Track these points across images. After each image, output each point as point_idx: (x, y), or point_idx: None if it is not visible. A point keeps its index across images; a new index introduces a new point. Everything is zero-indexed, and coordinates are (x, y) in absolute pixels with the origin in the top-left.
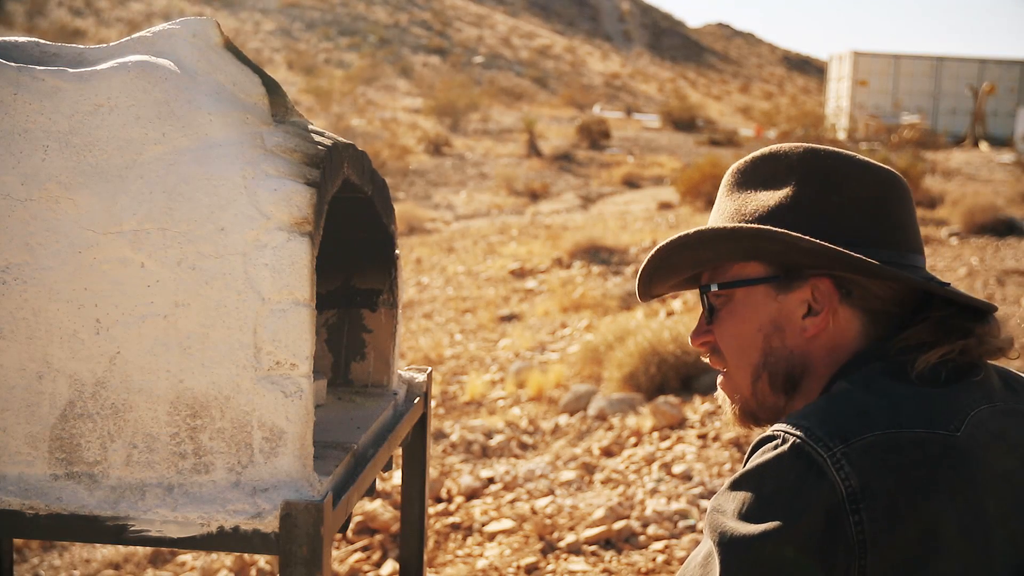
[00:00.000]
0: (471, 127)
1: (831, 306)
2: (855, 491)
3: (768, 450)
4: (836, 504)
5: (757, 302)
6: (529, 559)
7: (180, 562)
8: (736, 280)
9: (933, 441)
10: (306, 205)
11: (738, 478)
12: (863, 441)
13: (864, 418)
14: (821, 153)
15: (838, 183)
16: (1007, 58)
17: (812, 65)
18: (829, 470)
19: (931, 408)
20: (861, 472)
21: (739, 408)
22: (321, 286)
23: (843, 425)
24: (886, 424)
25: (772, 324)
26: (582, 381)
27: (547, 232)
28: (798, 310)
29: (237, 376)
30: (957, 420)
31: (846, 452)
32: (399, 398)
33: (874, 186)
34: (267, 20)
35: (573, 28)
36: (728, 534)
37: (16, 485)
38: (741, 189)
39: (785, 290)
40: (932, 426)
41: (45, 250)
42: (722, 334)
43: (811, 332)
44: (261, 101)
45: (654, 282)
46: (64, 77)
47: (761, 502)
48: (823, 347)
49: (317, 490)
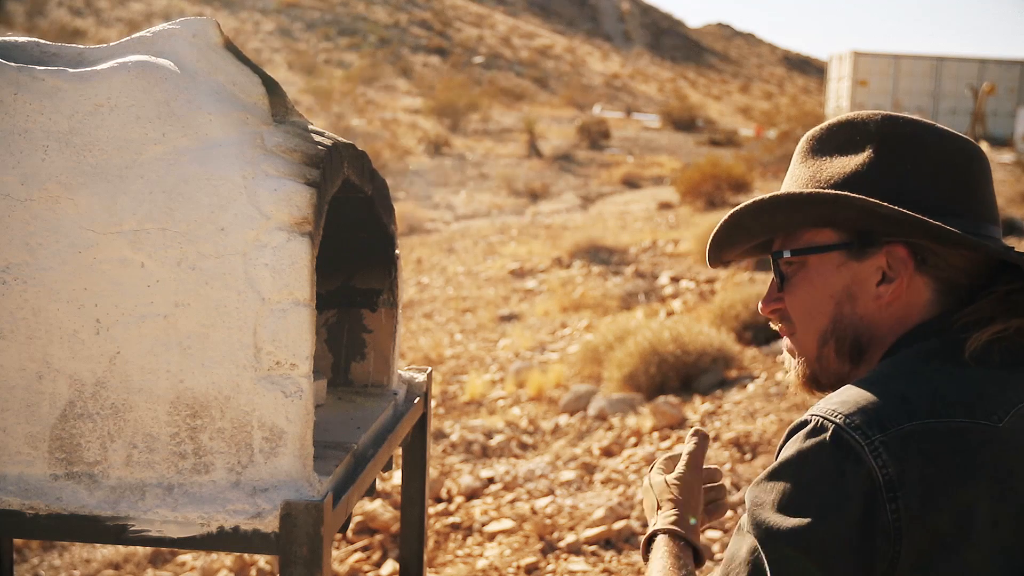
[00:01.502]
0: (471, 127)
1: (906, 273)
2: (892, 479)
3: (805, 436)
4: (874, 491)
5: (830, 268)
6: (529, 559)
7: (180, 562)
8: (810, 247)
9: (973, 431)
10: (306, 205)
11: (776, 468)
12: (902, 430)
13: (904, 405)
14: (899, 120)
15: (916, 150)
16: (1007, 58)
17: (812, 65)
18: (867, 458)
19: (976, 396)
20: (899, 460)
21: (803, 372)
22: (321, 286)
23: (882, 413)
24: (926, 413)
25: (845, 291)
26: (582, 381)
27: (547, 232)
28: (872, 277)
29: (237, 376)
30: (1001, 411)
31: (884, 441)
32: (399, 398)
33: (952, 154)
34: (267, 20)
35: (573, 28)
36: (770, 528)
37: (16, 485)
38: (816, 155)
39: (859, 257)
40: (974, 416)
41: (45, 250)
42: (793, 301)
43: (886, 299)
44: (261, 101)
45: (724, 247)
46: (64, 77)
47: (801, 491)
48: (893, 315)
49: (317, 490)
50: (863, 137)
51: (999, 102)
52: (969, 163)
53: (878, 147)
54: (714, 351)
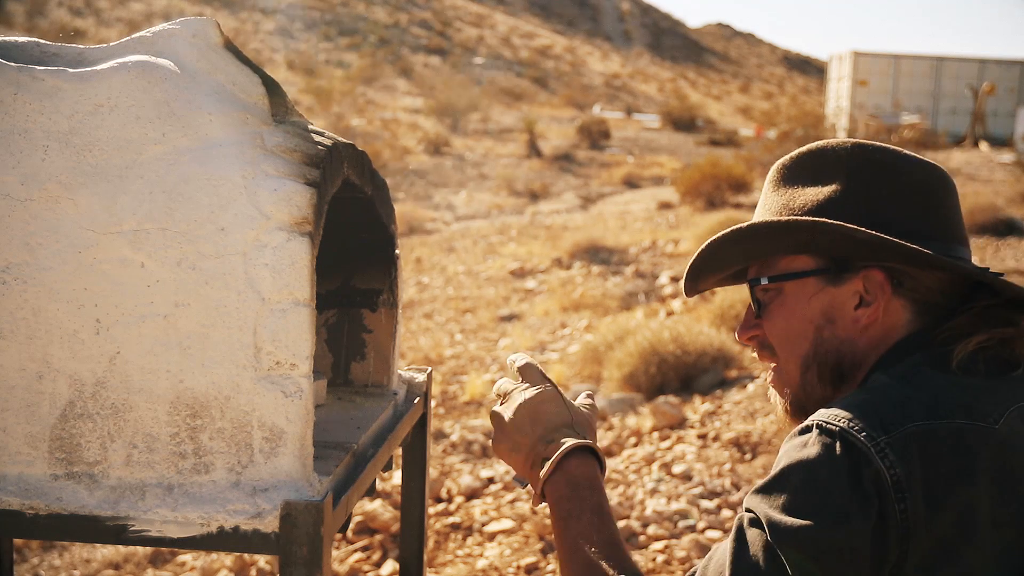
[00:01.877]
0: (471, 127)
1: (883, 297)
2: (900, 480)
3: (812, 441)
4: (885, 491)
5: (808, 294)
6: (529, 559)
7: (180, 562)
8: (787, 274)
9: (972, 431)
10: (306, 205)
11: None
12: (904, 431)
13: (903, 409)
14: (869, 148)
15: (887, 177)
16: (1007, 58)
17: (812, 65)
18: (875, 458)
19: (970, 399)
20: (904, 461)
21: (789, 403)
22: (321, 286)
23: (884, 416)
24: (925, 415)
25: (823, 316)
26: (582, 381)
27: (547, 232)
28: (850, 301)
29: (237, 376)
30: (996, 413)
31: (889, 442)
32: (399, 398)
33: (922, 179)
34: (267, 20)
35: (573, 28)
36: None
37: (16, 485)
38: (787, 184)
39: (836, 282)
40: (971, 417)
41: (45, 250)
42: (772, 327)
43: (864, 322)
44: (261, 101)
45: (701, 276)
46: (64, 77)
47: (818, 494)
48: (873, 338)
49: (317, 490)
50: (834, 165)
51: (999, 102)
52: (938, 188)
53: (849, 175)
54: (714, 351)
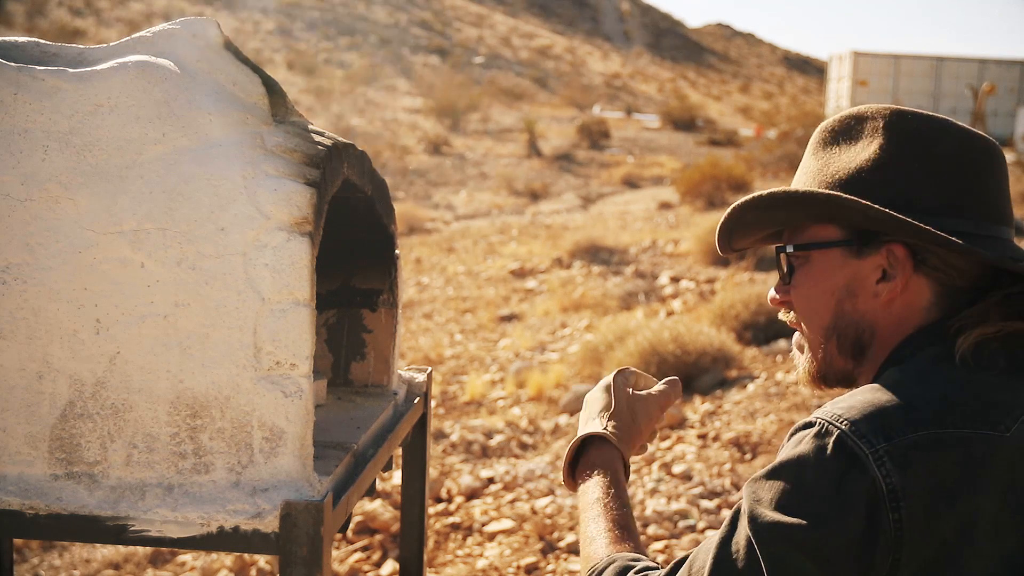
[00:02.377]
0: (471, 127)
1: (904, 273)
2: (895, 489)
3: (808, 438)
4: (877, 499)
5: (832, 265)
6: (529, 559)
7: (180, 562)
8: (811, 242)
9: (979, 441)
10: (306, 205)
11: (776, 467)
12: (906, 440)
13: (910, 414)
14: (908, 116)
15: (921, 147)
16: (1007, 58)
17: (812, 65)
18: (871, 466)
19: (984, 404)
20: (902, 470)
21: (811, 368)
22: (321, 286)
23: (888, 421)
24: (931, 422)
25: (845, 288)
26: (582, 381)
27: (547, 232)
28: (872, 275)
29: (237, 376)
30: (1009, 419)
31: (888, 450)
32: (399, 398)
33: (959, 152)
34: (267, 20)
35: (573, 28)
36: (768, 525)
37: (16, 485)
38: (827, 148)
39: (859, 254)
40: (979, 426)
41: (45, 250)
42: (797, 295)
43: (884, 298)
44: (261, 101)
45: (734, 238)
46: (64, 77)
47: (802, 493)
48: (894, 315)
49: (317, 490)
50: (871, 132)
51: (999, 102)
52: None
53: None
54: (714, 351)
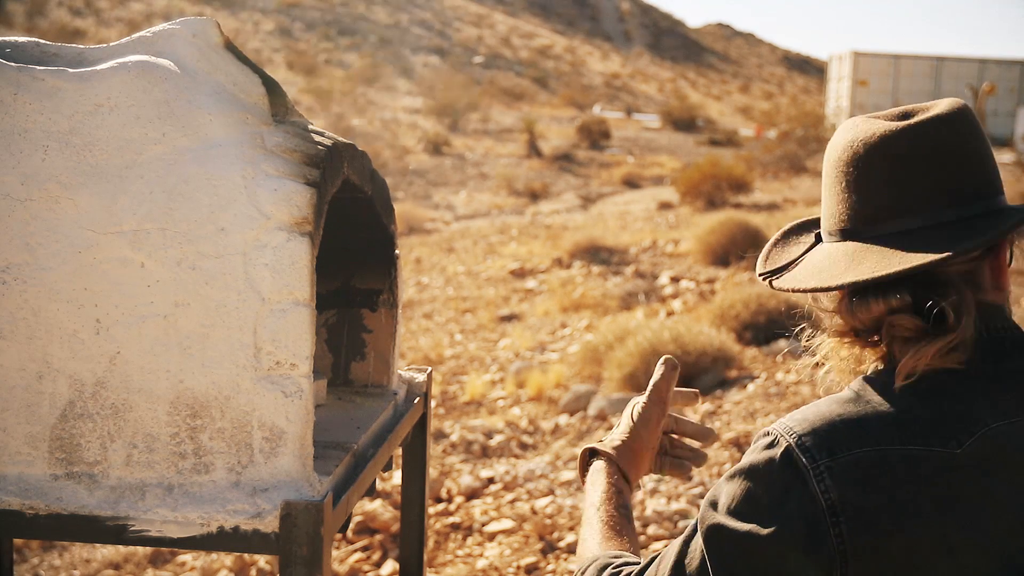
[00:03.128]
0: (471, 127)
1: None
2: (834, 504)
3: (761, 448)
4: (818, 514)
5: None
6: (529, 559)
7: (180, 562)
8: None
9: (926, 459)
10: (306, 205)
11: (733, 472)
12: (850, 456)
13: (858, 430)
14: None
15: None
16: (1007, 58)
17: (812, 65)
18: (811, 481)
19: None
20: (841, 486)
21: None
22: (321, 286)
23: (835, 437)
24: (879, 440)
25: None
26: (582, 381)
27: (547, 232)
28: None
29: (237, 376)
30: (964, 434)
31: (830, 466)
32: (399, 398)
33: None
34: (267, 20)
35: (573, 28)
36: (716, 527)
37: (16, 485)
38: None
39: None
40: (929, 443)
41: (45, 250)
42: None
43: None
44: (261, 101)
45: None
46: (64, 77)
47: (749, 501)
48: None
49: (317, 490)
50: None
51: (999, 102)
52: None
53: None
54: (714, 351)
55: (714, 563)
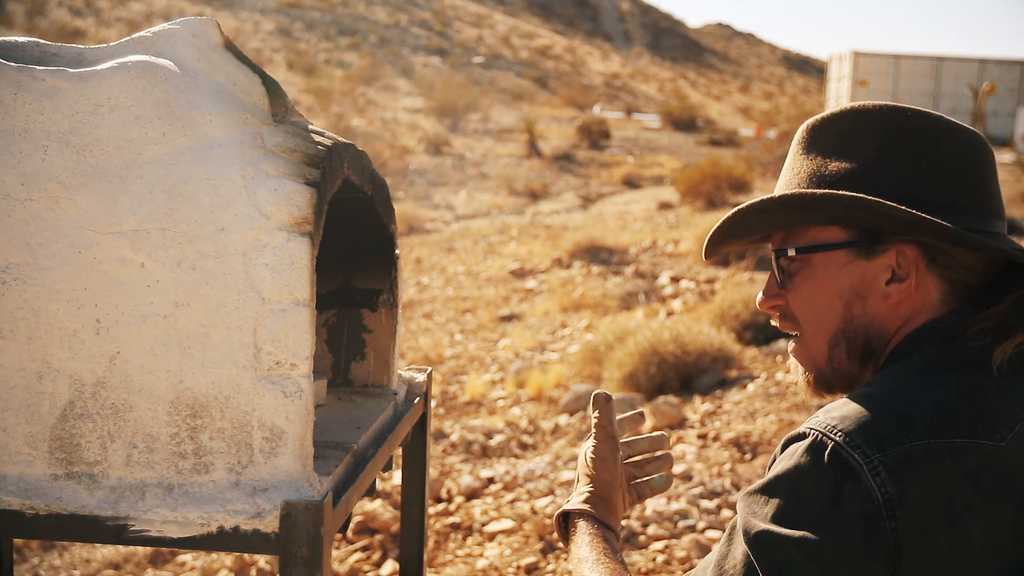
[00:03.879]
0: (471, 127)
1: (917, 273)
2: (891, 498)
3: (802, 450)
4: (874, 509)
5: (837, 267)
6: (529, 559)
7: (180, 562)
8: (816, 244)
9: (973, 451)
10: (306, 205)
11: (771, 481)
12: (901, 450)
13: (905, 423)
14: (907, 113)
15: (924, 146)
16: (1007, 58)
17: (812, 65)
18: (865, 476)
19: (980, 412)
20: (897, 480)
21: (813, 376)
22: (321, 286)
23: (881, 431)
24: (926, 431)
25: (853, 290)
26: (582, 381)
27: (547, 232)
28: (881, 276)
29: (237, 376)
30: (1005, 428)
31: (883, 460)
32: (399, 398)
33: (961, 149)
34: (267, 20)
35: (573, 28)
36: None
37: (16, 485)
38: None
39: (868, 255)
40: (975, 435)
41: (45, 250)
42: (797, 299)
43: (894, 299)
44: (261, 101)
45: (725, 242)
46: (64, 77)
47: (799, 507)
48: (902, 315)
49: (317, 490)
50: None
51: (999, 102)
52: (976, 158)
53: (884, 143)
54: (714, 351)
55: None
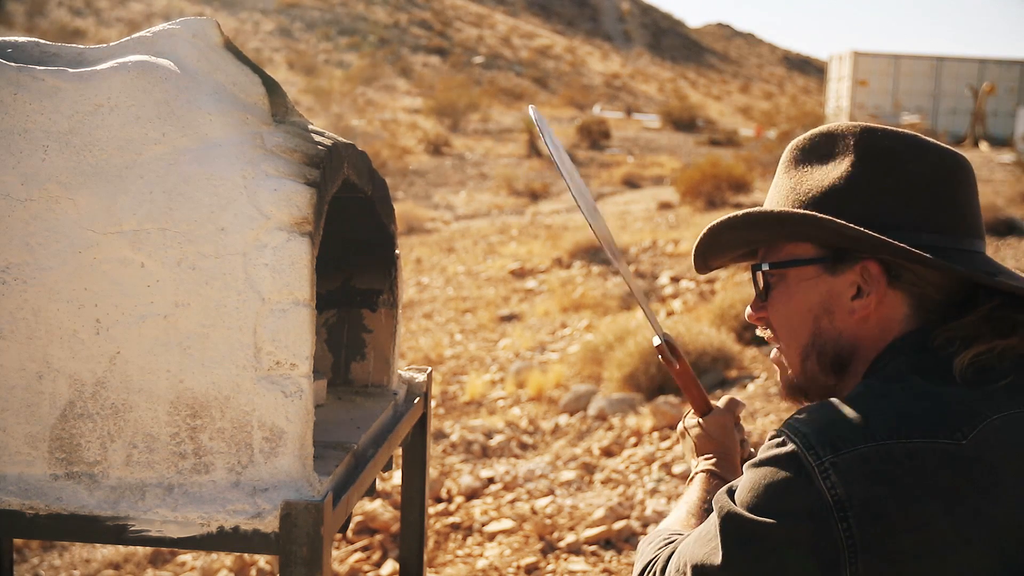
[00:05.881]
0: (471, 127)
1: (879, 289)
2: (841, 499)
3: (773, 447)
4: (824, 510)
5: (808, 282)
6: (529, 559)
7: (180, 562)
8: (787, 260)
9: (931, 451)
10: (306, 205)
11: (748, 468)
12: (855, 452)
13: (863, 427)
14: (878, 133)
15: (894, 164)
16: (1007, 58)
17: (812, 65)
18: (816, 478)
19: (940, 415)
20: (847, 482)
21: (788, 383)
22: (321, 286)
23: (839, 434)
24: (883, 434)
25: (821, 305)
26: (582, 381)
27: (547, 232)
28: (847, 292)
29: (237, 376)
30: (967, 427)
31: (835, 462)
32: (399, 398)
33: (932, 167)
34: (267, 20)
35: (573, 28)
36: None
37: (16, 485)
38: (798, 166)
39: (834, 271)
40: (934, 436)
41: (45, 250)
42: (774, 312)
43: (859, 314)
44: (261, 101)
45: (709, 258)
46: (64, 77)
47: (760, 497)
48: (872, 330)
49: (317, 490)
50: (842, 150)
51: (999, 102)
52: (950, 177)
53: (856, 161)
54: (714, 351)
55: (725, 549)
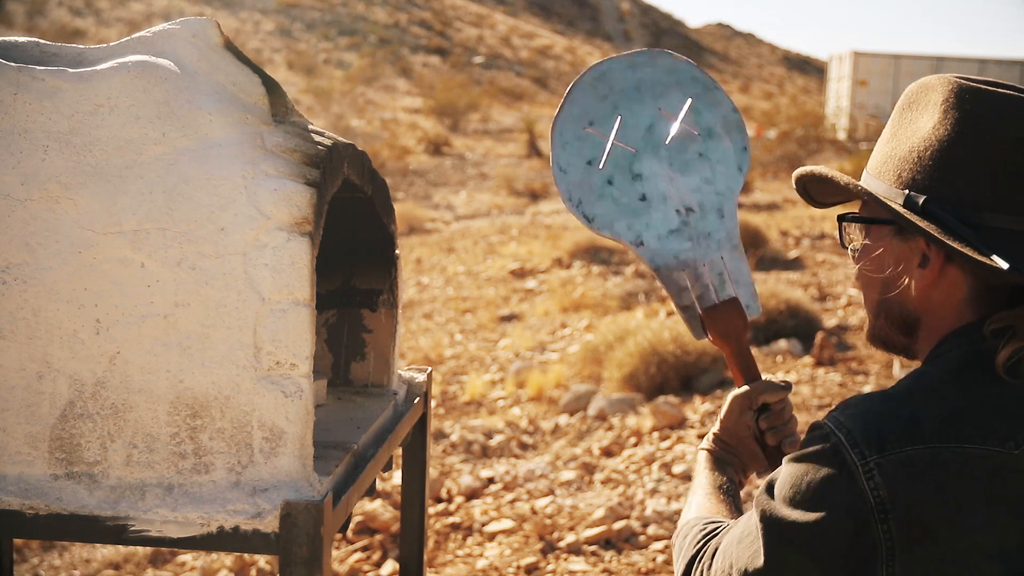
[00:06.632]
0: (471, 127)
1: (935, 264)
2: (883, 501)
3: (815, 440)
4: (865, 510)
5: (883, 241)
6: (529, 559)
7: (180, 562)
8: (864, 216)
9: (982, 458)
10: (306, 205)
11: (789, 462)
12: (901, 454)
13: (912, 427)
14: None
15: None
16: (1007, 58)
17: (812, 65)
18: (860, 477)
19: (995, 419)
20: (892, 484)
21: (869, 332)
22: (321, 286)
23: (887, 433)
24: (932, 437)
25: (891, 267)
26: (582, 381)
27: (547, 232)
28: (914, 259)
29: (237, 376)
30: (1021, 435)
31: (880, 463)
32: (399, 398)
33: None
34: (267, 20)
35: (573, 28)
36: (768, 510)
37: (16, 485)
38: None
39: (904, 237)
40: (986, 442)
41: (45, 250)
42: (861, 264)
43: (921, 283)
44: (261, 101)
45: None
46: (64, 77)
47: (801, 492)
48: (936, 306)
49: (317, 490)
50: (933, 108)
51: None
52: None
53: (944, 125)
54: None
55: (765, 544)
